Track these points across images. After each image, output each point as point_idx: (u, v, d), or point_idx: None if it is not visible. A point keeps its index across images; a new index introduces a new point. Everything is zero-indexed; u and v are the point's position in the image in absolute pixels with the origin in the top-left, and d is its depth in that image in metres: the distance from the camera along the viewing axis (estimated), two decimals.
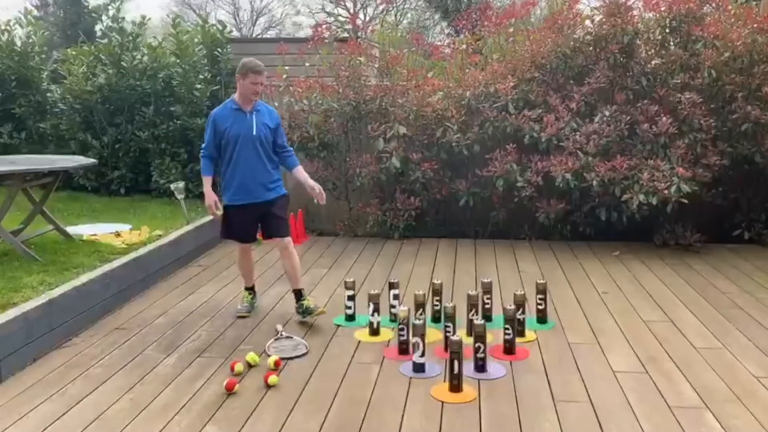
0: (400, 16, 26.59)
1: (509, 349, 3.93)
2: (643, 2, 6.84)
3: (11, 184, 5.34)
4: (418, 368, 3.68)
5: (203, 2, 33.73)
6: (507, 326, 3.93)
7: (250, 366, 3.75)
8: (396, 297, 4.55)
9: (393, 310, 4.47)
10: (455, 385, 3.43)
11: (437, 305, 4.50)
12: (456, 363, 3.41)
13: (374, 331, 4.26)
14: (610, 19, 6.61)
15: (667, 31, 6.74)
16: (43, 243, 5.61)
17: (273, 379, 3.54)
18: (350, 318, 4.52)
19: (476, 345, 3.67)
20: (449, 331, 3.94)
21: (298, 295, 4.56)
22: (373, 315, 4.27)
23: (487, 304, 4.49)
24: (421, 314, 4.15)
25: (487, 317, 4.41)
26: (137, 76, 8.18)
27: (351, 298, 4.54)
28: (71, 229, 5.99)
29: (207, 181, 4.48)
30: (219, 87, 8.13)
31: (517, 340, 4.00)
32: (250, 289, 4.82)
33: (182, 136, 8.08)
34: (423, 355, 3.69)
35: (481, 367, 3.67)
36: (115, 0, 8.71)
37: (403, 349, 3.92)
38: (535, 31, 7.34)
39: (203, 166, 4.52)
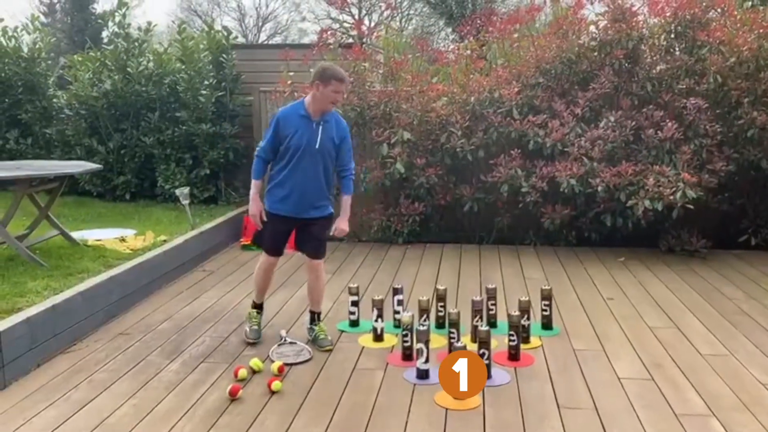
0: (405, 22, 26.66)
1: (514, 355, 3.91)
2: (648, 8, 6.83)
3: (17, 189, 5.35)
4: (422, 374, 3.66)
5: (209, 9, 33.99)
6: (512, 332, 3.92)
7: (253, 372, 3.75)
8: (400, 303, 4.54)
9: (397, 316, 4.46)
10: None
11: (441, 311, 4.48)
12: None
13: (378, 337, 4.25)
14: (615, 24, 6.60)
15: (673, 36, 6.73)
16: (48, 248, 5.62)
17: (276, 385, 3.53)
18: (354, 323, 4.51)
19: (481, 351, 3.65)
20: (453, 338, 3.92)
21: (314, 317, 4.28)
22: (377, 321, 4.26)
23: (492, 310, 4.48)
24: (425, 320, 4.14)
25: (492, 323, 4.39)
26: (143, 82, 8.20)
27: (355, 303, 4.53)
28: (76, 234, 6.00)
29: (256, 186, 4.10)
30: (224, 93, 8.15)
31: (522, 346, 3.99)
32: (259, 307, 4.38)
33: (187, 142, 8.09)
34: (427, 361, 3.67)
35: None
36: (122, 6, 8.72)
37: (407, 355, 3.91)
38: (540, 37, 7.33)
39: (256, 168, 4.09)
